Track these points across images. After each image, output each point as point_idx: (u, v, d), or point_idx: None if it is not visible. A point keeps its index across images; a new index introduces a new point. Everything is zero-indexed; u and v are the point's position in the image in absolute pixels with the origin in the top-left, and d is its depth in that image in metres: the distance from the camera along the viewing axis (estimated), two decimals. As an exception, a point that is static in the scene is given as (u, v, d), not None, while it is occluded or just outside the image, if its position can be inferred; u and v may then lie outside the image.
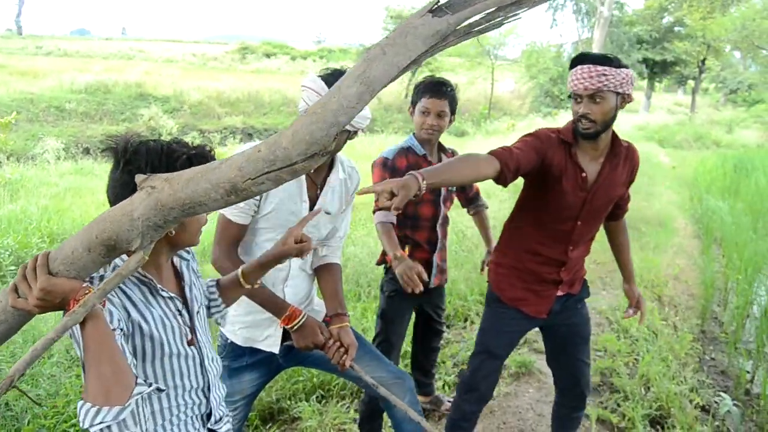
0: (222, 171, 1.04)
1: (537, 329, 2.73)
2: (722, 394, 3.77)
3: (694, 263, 6.84)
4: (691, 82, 36.07)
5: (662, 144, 20.31)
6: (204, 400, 1.56)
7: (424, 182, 1.77)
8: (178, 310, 1.49)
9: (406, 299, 2.82)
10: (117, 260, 1.36)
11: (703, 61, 32.19)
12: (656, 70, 32.18)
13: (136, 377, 1.23)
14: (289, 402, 3.26)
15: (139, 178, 1.11)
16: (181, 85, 21.69)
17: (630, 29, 30.79)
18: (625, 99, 2.23)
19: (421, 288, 2.32)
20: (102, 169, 10.40)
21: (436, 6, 1.08)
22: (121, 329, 1.31)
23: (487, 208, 3.26)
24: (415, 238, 2.84)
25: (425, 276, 2.35)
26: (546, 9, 32.32)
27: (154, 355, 1.41)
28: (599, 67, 2.15)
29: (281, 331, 2.16)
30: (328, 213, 2.15)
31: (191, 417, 1.52)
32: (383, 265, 2.99)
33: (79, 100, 17.91)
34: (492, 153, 2.14)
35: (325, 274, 2.26)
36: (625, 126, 19.08)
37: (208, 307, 1.76)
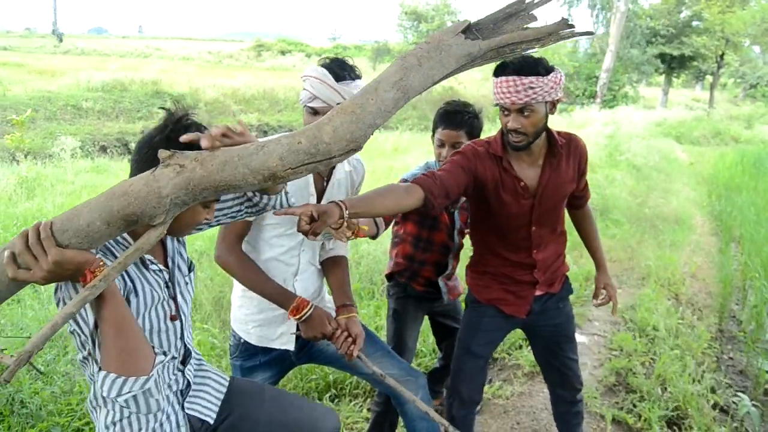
0: (261, 158, 1.09)
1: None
2: (741, 394, 3.70)
3: (712, 261, 6.75)
4: (709, 78, 35.60)
5: (680, 140, 20.07)
6: (180, 375, 1.56)
7: (347, 211, 1.73)
8: (165, 282, 1.48)
9: (414, 302, 2.86)
10: None
11: (721, 56, 31.75)
12: (673, 65, 31.81)
13: (153, 347, 1.26)
14: (301, 400, 3.25)
15: (163, 153, 1.11)
16: (196, 83, 21.77)
17: (646, 24, 30.46)
18: (555, 104, 2.14)
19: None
20: (118, 167, 10.47)
21: (467, 27, 1.21)
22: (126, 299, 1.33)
23: None
24: (425, 260, 2.81)
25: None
26: (561, 4, 32.06)
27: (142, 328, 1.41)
28: (525, 79, 2.03)
29: (294, 327, 2.15)
30: None
31: (167, 395, 1.51)
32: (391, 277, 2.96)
33: (95, 98, 18.01)
34: (415, 181, 2.07)
35: (332, 266, 2.26)
36: (641, 122, 18.87)
37: (261, 208, 1.69)
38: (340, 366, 2.32)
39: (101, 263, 1.14)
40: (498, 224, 2.34)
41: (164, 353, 1.40)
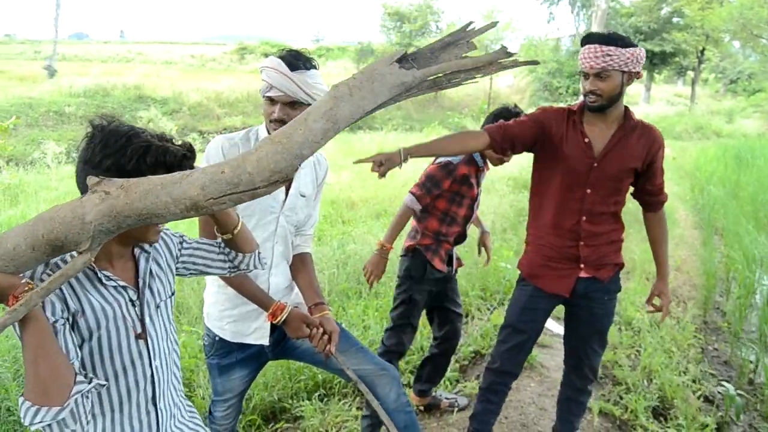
0: (183, 187, 1.06)
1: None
2: (725, 384, 3.75)
3: (696, 254, 6.83)
4: (690, 73, 35.93)
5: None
6: (153, 410, 1.48)
7: (406, 155, 2.22)
8: (131, 301, 1.43)
9: (429, 287, 3.02)
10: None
11: (702, 52, 32.06)
12: (655, 61, 32.05)
13: (76, 374, 1.22)
14: (291, 401, 3.26)
15: (91, 180, 1.09)
16: (179, 87, 21.68)
17: (627, 21, 30.69)
18: (632, 76, 2.34)
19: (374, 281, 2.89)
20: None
21: (403, 56, 1.17)
22: (66, 318, 1.29)
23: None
24: (448, 233, 2.96)
25: (375, 282, 2.92)
26: (542, 2, 32.24)
27: (91, 347, 1.35)
28: (604, 47, 2.27)
29: (269, 323, 2.16)
30: (303, 196, 2.16)
31: (139, 419, 1.45)
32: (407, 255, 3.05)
33: (78, 104, 17.89)
34: (485, 127, 2.46)
35: (299, 264, 2.26)
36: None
37: (236, 267, 1.72)
38: (312, 361, 2.33)
39: (27, 287, 1.12)
40: (556, 181, 2.47)
41: (89, 381, 1.28)
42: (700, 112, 28.25)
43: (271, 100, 1.98)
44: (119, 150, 1.28)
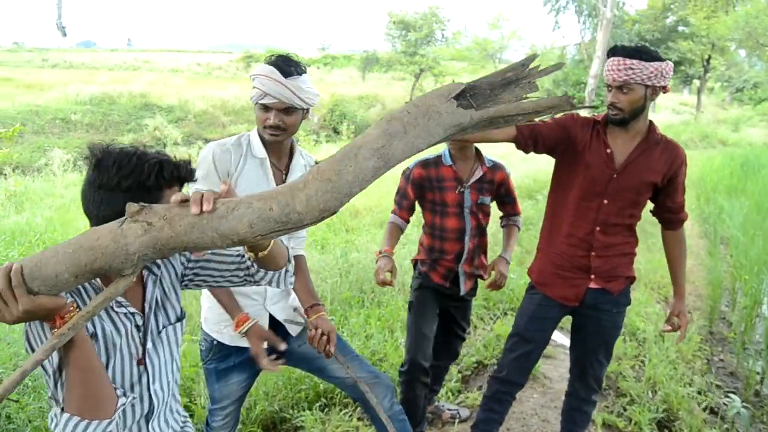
0: (231, 223, 1.05)
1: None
2: (731, 395, 3.71)
3: (702, 263, 6.78)
4: (696, 82, 35.87)
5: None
6: (144, 429, 1.47)
7: None
8: (137, 327, 1.43)
9: (431, 294, 2.91)
10: None
11: (708, 60, 32.01)
12: (661, 70, 32.01)
13: (115, 388, 1.27)
14: (291, 411, 3.23)
15: (131, 208, 1.08)
16: (185, 95, 21.76)
17: (633, 29, 30.70)
18: (656, 90, 2.33)
19: (388, 282, 2.66)
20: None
21: (461, 92, 1.09)
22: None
23: (519, 229, 3.15)
24: (444, 248, 2.86)
25: (389, 278, 2.67)
26: (548, 11, 32.27)
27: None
28: (627, 61, 2.27)
29: (267, 326, 2.19)
30: None
31: None
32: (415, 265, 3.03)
33: (84, 112, 17.97)
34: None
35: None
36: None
37: (254, 282, 1.62)
38: (308, 368, 2.35)
39: (72, 308, 1.14)
40: (574, 188, 2.47)
41: (124, 394, 1.36)
42: (705, 121, 28.17)
43: (266, 107, 2.01)
44: (135, 168, 1.29)
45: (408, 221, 2.96)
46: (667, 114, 30.74)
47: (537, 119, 1.14)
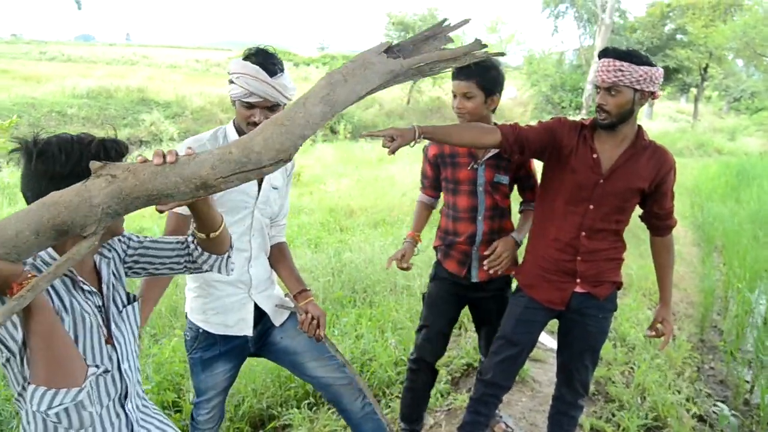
0: (193, 167, 1.12)
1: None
2: (720, 404, 3.72)
3: (694, 271, 6.79)
4: (693, 90, 35.98)
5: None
6: (122, 413, 1.48)
7: (420, 134, 2.15)
8: (98, 307, 1.43)
9: (445, 285, 2.80)
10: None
11: (705, 69, 32.11)
12: (658, 77, 32.11)
13: (85, 359, 1.24)
14: (279, 409, 3.23)
15: (94, 164, 1.10)
16: (183, 91, 21.73)
17: (631, 36, 30.78)
18: (645, 95, 2.31)
19: (403, 266, 2.66)
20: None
21: (389, 47, 1.31)
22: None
23: None
24: (457, 230, 2.72)
25: (404, 264, 2.66)
26: (548, 16, 32.35)
27: None
28: (617, 62, 2.25)
29: (252, 314, 2.20)
30: (275, 188, 2.22)
31: (110, 421, 1.44)
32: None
33: (80, 105, 17.92)
34: (498, 125, 2.40)
35: (277, 254, 2.33)
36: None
37: (197, 267, 1.66)
38: (287, 363, 2.34)
39: (29, 275, 1.10)
40: (561, 193, 2.45)
41: (96, 366, 1.34)
42: (702, 129, 28.25)
43: (251, 105, 2.03)
44: (83, 153, 1.29)
45: (435, 197, 2.90)
46: (663, 121, 30.79)
47: (455, 65, 1.34)
